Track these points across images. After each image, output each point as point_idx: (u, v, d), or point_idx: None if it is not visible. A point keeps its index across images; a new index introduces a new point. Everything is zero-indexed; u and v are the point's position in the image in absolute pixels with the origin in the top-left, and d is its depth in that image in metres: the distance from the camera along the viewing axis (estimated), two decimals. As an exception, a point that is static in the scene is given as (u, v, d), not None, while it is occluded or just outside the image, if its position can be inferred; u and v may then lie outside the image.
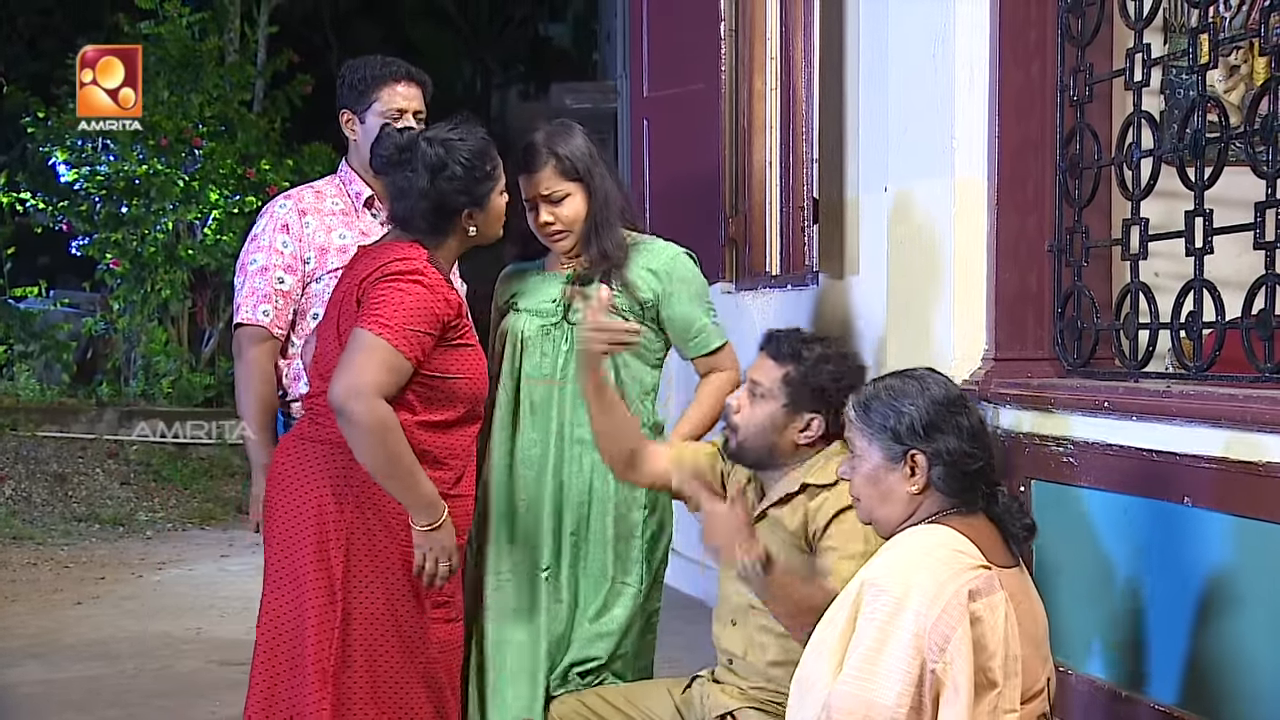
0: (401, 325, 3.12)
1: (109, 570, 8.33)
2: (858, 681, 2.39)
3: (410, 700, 3.27)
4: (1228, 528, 2.95)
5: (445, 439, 3.27)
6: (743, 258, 5.69)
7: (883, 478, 2.62)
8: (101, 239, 12.31)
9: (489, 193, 3.32)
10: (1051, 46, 3.71)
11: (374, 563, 3.24)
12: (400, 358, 3.12)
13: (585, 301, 3.43)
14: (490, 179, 3.32)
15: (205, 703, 5.34)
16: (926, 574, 2.43)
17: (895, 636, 2.39)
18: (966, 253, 3.78)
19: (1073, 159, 3.65)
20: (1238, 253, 3.23)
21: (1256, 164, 3.05)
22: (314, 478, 3.27)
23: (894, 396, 2.62)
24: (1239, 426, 2.87)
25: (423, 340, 3.15)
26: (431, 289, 3.18)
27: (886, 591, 2.42)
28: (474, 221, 3.32)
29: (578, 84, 12.36)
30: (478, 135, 3.33)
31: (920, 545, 2.52)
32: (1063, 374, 3.71)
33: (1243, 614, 2.93)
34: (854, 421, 2.67)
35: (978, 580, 2.43)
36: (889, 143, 4.20)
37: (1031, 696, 2.55)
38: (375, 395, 3.08)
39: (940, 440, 2.58)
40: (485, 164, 3.30)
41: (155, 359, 12.58)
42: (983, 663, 2.40)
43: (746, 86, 5.65)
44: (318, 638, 3.23)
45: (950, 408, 2.61)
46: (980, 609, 2.41)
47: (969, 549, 2.51)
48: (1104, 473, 3.33)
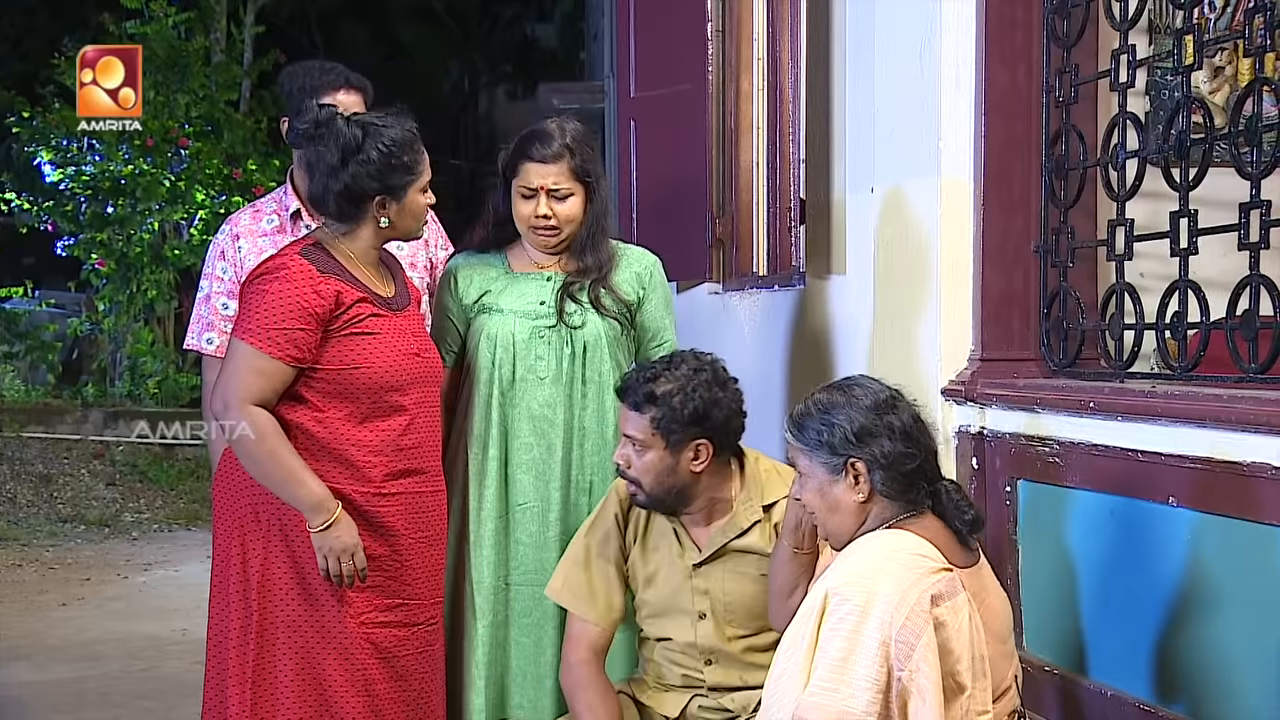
0: (263, 326, 3.11)
1: (94, 571, 8.33)
2: (826, 692, 2.39)
3: (342, 708, 3.22)
4: (1212, 528, 2.95)
5: (359, 433, 3.23)
6: (729, 258, 5.69)
7: (829, 491, 2.64)
8: (87, 239, 12.30)
9: (406, 185, 3.26)
10: (1037, 48, 3.71)
11: (293, 568, 3.21)
12: (266, 359, 3.11)
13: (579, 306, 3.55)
14: (409, 171, 3.25)
15: (191, 704, 5.28)
16: (889, 580, 2.43)
17: (861, 645, 2.39)
18: (953, 253, 3.78)
19: (1058, 160, 3.66)
20: (1222, 253, 3.22)
21: (1241, 165, 3.05)
22: (237, 487, 3.26)
23: (824, 410, 2.65)
24: (1223, 427, 2.87)
25: (294, 336, 3.12)
26: (293, 282, 3.14)
27: (849, 600, 2.42)
28: (386, 212, 3.26)
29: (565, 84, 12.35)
30: (404, 126, 3.27)
31: (880, 551, 2.53)
32: (1048, 374, 3.71)
33: (1226, 613, 2.93)
34: (792, 442, 2.69)
35: (940, 584, 2.44)
36: (875, 143, 4.20)
37: (1001, 694, 2.56)
38: (246, 403, 3.11)
39: (874, 444, 2.59)
40: (405, 154, 3.24)
41: (141, 360, 12.57)
42: (949, 667, 2.41)
43: (733, 87, 5.65)
44: (238, 644, 3.22)
45: (879, 411, 2.62)
46: (943, 613, 2.41)
47: (930, 552, 2.52)
48: (1089, 473, 3.33)
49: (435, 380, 3.43)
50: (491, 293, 3.66)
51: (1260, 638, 2.83)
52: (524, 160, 3.56)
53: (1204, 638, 3.00)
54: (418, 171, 3.27)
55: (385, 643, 3.28)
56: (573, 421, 3.62)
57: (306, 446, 3.20)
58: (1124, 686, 3.23)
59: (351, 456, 3.22)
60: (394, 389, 3.25)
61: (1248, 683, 2.88)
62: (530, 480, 3.61)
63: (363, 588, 3.22)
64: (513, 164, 3.59)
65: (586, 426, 3.63)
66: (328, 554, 3.16)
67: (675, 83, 5.84)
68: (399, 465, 3.28)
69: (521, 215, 3.59)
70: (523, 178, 3.56)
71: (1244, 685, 2.89)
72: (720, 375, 3.22)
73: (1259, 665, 2.85)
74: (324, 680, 3.21)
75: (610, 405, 3.61)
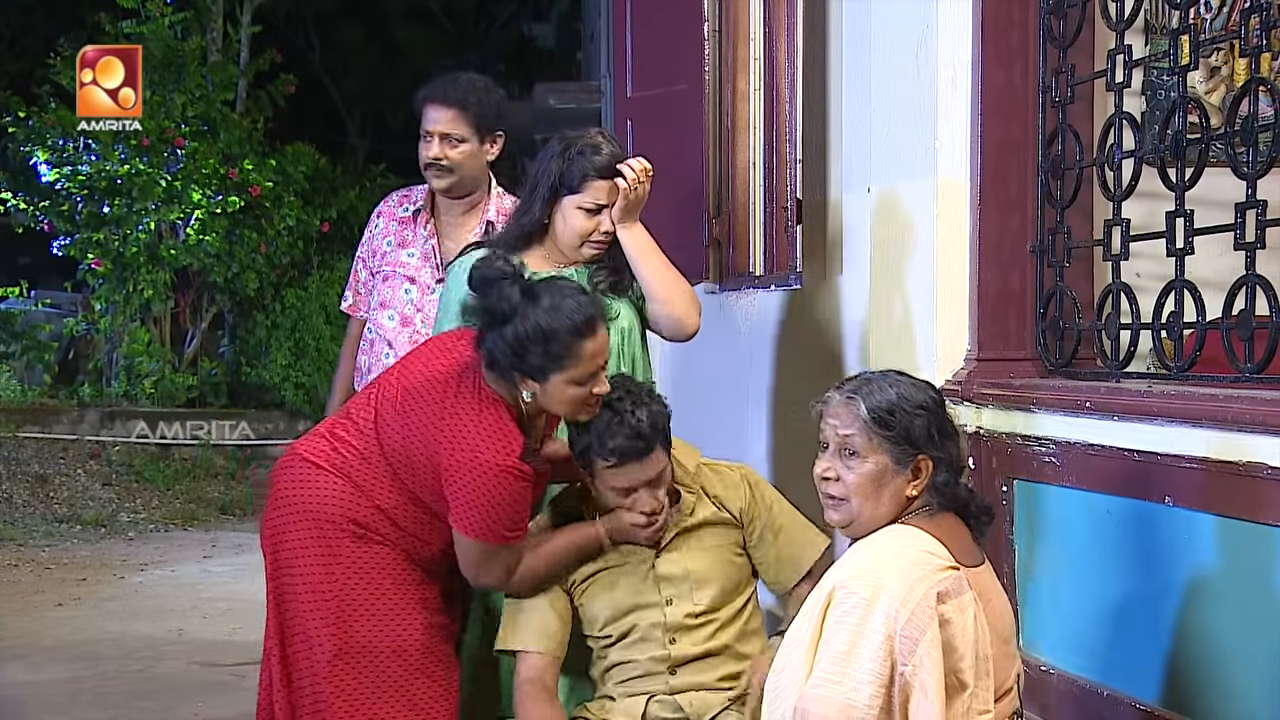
0: (502, 528, 3.15)
1: (90, 571, 8.31)
2: (829, 684, 2.39)
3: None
4: (1209, 527, 2.96)
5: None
6: (726, 258, 5.69)
7: (886, 479, 2.62)
8: (83, 239, 12.30)
9: (547, 370, 3.08)
10: (1033, 48, 3.72)
11: (372, 596, 3.22)
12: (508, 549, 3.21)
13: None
14: (553, 360, 3.07)
15: (187, 704, 5.33)
16: (896, 575, 2.43)
17: (866, 638, 2.39)
18: (949, 253, 3.79)
19: (1055, 160, 3.66)
20: (1218, 253, 3.23)
21: (1237, 165, 3.06)
22: (323, 507, 3.22)
23: (912, 405, 2.63)
24: (1219, 426, 2.88)
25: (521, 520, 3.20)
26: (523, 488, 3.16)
27: (856, 594, 2.42)
28: (529, 388, 3.12)
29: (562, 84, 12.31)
30: (569, 311, 3.06)
31: (889, 547, 2.53)
32: (1044, 374, 3.72)
33: (1223, 612, 2.94)
34: (869, 426, 2.63)
35: (947, 582, 2.44)
36: (872, 143, 4.20)
37: (1003, 694, 2.56)
38: (509, 579, 3.24)
39: (949, 445, 2.63)
40: (547, 345, 3.05)
41: (137, 359, 12.57)
42: (953, 665, 2.41)
43: (730, 87, 5.65)
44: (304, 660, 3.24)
45: (946, 412, 2.67)
46: (949, 611, 2.42)
47: (938, 549, 2.52)
48: (1086, 473, 3.34)
49: None
50: None
51: (1257, 637, 2.84)
52: (593, 178, 3.56)
53: (1201, 637, 3.00)
54: (565, 365, 3.05)
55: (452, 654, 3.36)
56: None
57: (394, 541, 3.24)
58: (1120, 686, 3.24)
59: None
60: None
61: (1243, 682, 2.89)
62: None
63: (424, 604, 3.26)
64: (579, 179, 3.57)
65: None
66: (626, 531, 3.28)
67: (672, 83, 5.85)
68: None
69: (581, 229, 3.59)
70: (593, 194, 3.57)
71: (1239, 685, 2.90)
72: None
73: (1254, 665, 2.85)
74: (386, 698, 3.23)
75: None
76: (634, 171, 3.58)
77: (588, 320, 3.05)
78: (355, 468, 3.20)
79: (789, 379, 4.93)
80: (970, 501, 2.69)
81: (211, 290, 13.14)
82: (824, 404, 2.71)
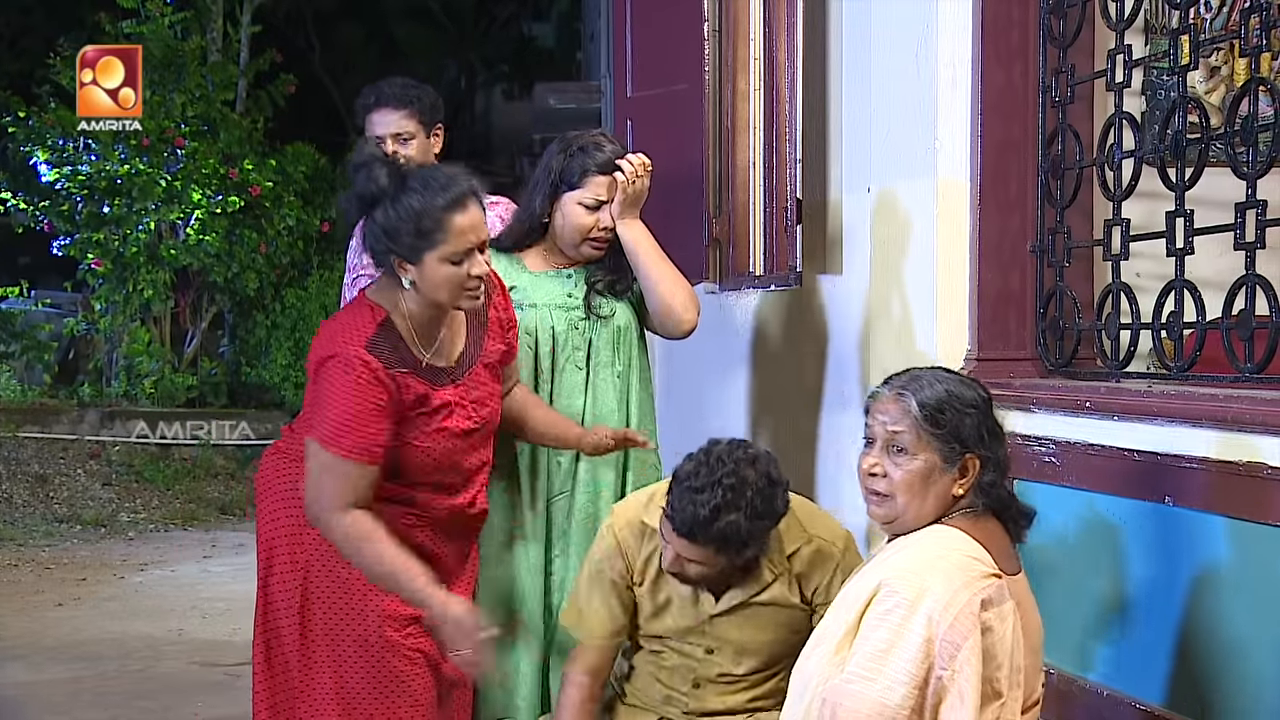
0: (340, 431, 3.08)
1: (90, 571, 8.32)
2: (864, 680, 2.40)
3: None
4: (1209, 527, 2.96)
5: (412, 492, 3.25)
6: (726, 258, 5.69)
7: (933, 477, 2.60)
8: (83, 239, 12.30)
9: (420, 250, 3.06)
10: (1033, 48, 3.72)
11: (335, 578, 3.20)
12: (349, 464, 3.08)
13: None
14: (423, 238, 3.05)
15: (187, 704, 5.33)
16: (941, 579, 2.43)
17: (906, 638, 2.39)
18: (949, 253, 3.79)
19: (1054, 160, 3.66)
20: (1218, 253, 3.24)
21: (1237, 165, 3.06)
22: (280, 490, 3.27)
23: (962, 403, 2.62)
24: (1220, 426, 2.88)
25: (372, 436, 3.09)
26: (364, 384, 3.09)
27: (899, 593, 2.42)
28: (408, 274, 3.11)
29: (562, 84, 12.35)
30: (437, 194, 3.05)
31: (935, 549, 2.52)
32: (1044, 374, 3.72)
33: (1225, 613, 2.94)
34: (919, 423, 2.61)
35: (990, 589, 2.44)
36: (872, 143, 4.20)
37: (1030, 705, 2.56)
38: (340, 511, 3.09)
39: (998, 446, 2.62)
40: (419, 223, 3.04)
41: (137, 359, 12.56)
42: (990, 673, 2.41)
43: (730, 87, 5.65)
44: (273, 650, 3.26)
45: (993, 411, 2.65)
46: (991, 619, 2.42)
47: (982, 555, 2.51)
48: (1085, 473, 3.33)
49: (490, 439, 3.36)
50: (518, 289, 3.67)
51: (1261, 637, 2.84)
52: (594, 173, 3.62)
53: (1203, 638, 3.00)
54: (436, 242, 3.03)
55: (428, 649, 3.26)
56: (597, 407, 3.69)
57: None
58: (1120, 686, 3.24)
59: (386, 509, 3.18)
60: (441, 470, 3.22)
61: (1243, 682, 2.88)
62: (566, 464, 3.68)
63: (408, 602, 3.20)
64: (579, 174, 3.63)
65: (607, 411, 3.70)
66: (458, 639, 3.09)
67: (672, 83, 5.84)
68: (455, 501, 3.28)
69: (581, 226, 3.65)
70: (593, 189, 3.63)
71: (1239, 684, 2.90)
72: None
73: (1256, 664, 2.85)
74: (357, 693, 3.20)
75: (636, 390, 3.74)
76: (632, 165, 3.60)
77: (458, 196, 3.04)
78: (298, 445, 3.20)
79: (788, 379, 4.93)
80: (1012, 504, 2.66)
81: (211, 290, 13.13)
82: (871, 399, 2.69)
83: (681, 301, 3.71)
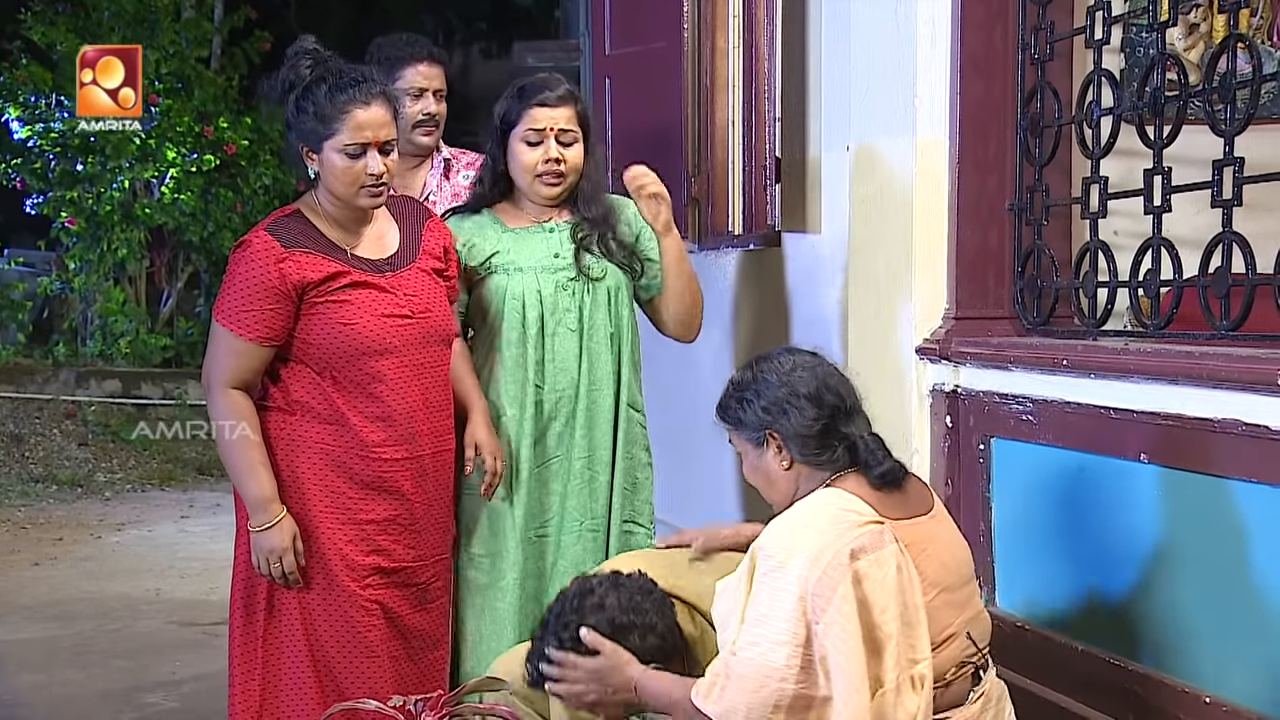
0: (234, 307, 3.17)
1: (67, 531, 8.31)
2: (750, 646, 2.44)
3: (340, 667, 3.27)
4: (1183, 484, 2.98)
5: (353, 400, 3.24)
6: (705, 216, 5.68)
7: (760, 463, 2.73)
8: (56, 197, 12.23)
9: (320, 138, 3.18)
10: (1013, 5, 3.71)
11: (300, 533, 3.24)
12: (239, 341, 3.17)
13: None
14: (324, 123, 3.16)
15: (164, 663, 5.34)
16: (811, 535, 2.46)
17: (780, 599, 2.43)
18: (928, 211, 3.79)
19: (1033, 117, 3.67)
20: (1195, 211, 3.24)
21: (1214, 122, 3.06)
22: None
23: (738, 388, 2.74)
24: (1194, 383, 2.90)
25: (263, 317, 3.17)
26: (256, 261, 3.19)
27: (772, 557, 2.46)
28: (314, 164, 3.22)
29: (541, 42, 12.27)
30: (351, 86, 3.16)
31: (807, 508, 2.56)
32: (1022, 332, 3.73)
33: (1196, 567, 2.97)
34: (721, 424, 2.79)
35: (863, 538, 2.46)
36: (851, 102, 4.19)
37: (943, 642, 2.58)
38: (224, 386, 3.20)
39: (783, 417, 2.65)
40: (324, 107, 3.16)
41: (112, 319, 12.51)
42: (873, 619, 2.42)
43: (709, 44, 5.63)
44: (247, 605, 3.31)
45: (784, 383, 2.68)
46: (865, 566, 2.43)
47: (858, 506, 2.54)
48: (1062, 430, 3.36)
49: (434, 340, 3.35)
50: (500, 252, 3.64)
51: (1229, 591, 2.87)
52: (530, 106, 3.58)
53: (1174, 592, 3.03)
54: (334, 130, 3.14)
55: (388, 602, 3.30)
56: (593, 371, 3.66)
57: (307, 415, 3.23)
58: (1094, 641, 3.27)
59: (350, 421, 3.22)
60: (376, 354, 3.22)
61: (1215, 635, 2.92)
62: (560, 428, 3.65)
63: (367, 551, 3.25)
64: (517, 111, 3.60)
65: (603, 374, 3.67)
66: (259, 554, 3.20)
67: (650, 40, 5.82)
68: (400, 429, 3.27)
69: (527, 163, 3.59)
70: (529, 122, 3.57)
71: (1211, 637, 2.93)
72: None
73: (1227, 618, 2.89)
74: (322, 640, 3.25)
75: (627, 353, 3.71)
76: (635, 175, 3.70)
77: (365, 92, 3.15)
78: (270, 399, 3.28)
79: (767, 337, 4.94)
80: (867, 456, 2.65)
81: (187, 249, 13.08)
82: None
83: (700, 319, 3.86)
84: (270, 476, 3.19)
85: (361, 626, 3.25)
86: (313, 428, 3.23)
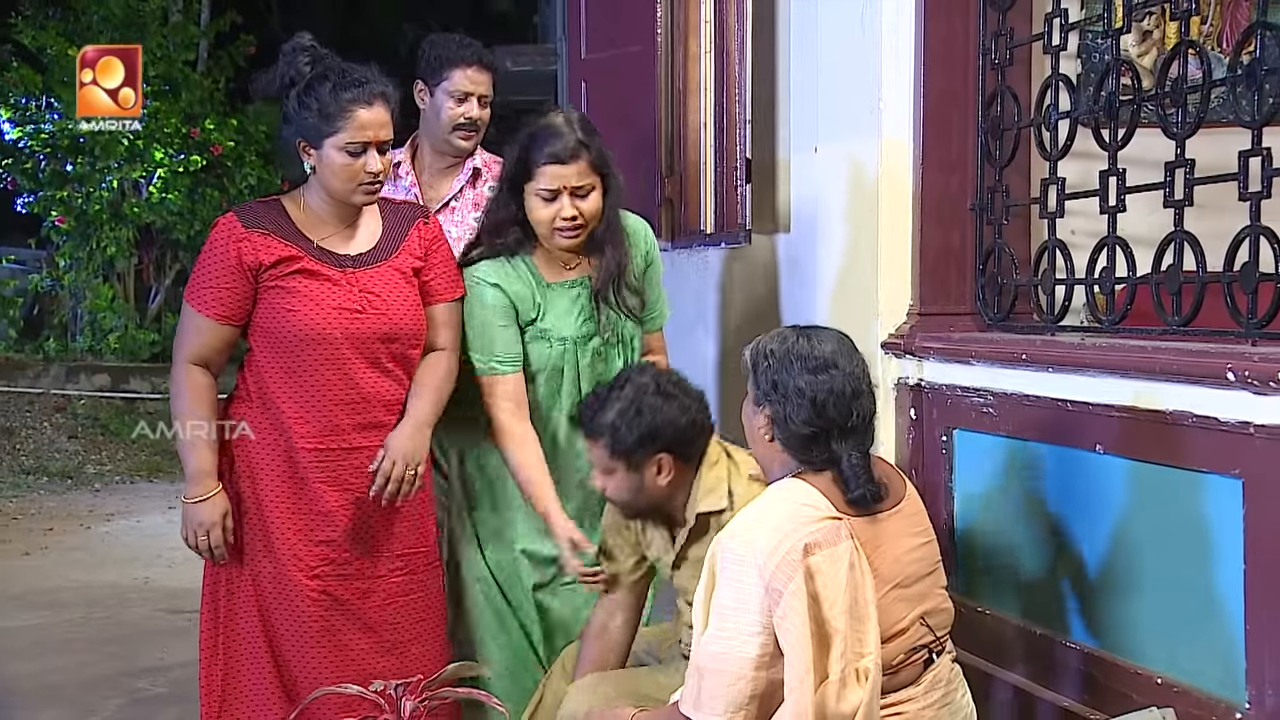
0: (197, 284, 3.24)
1: (57, 522, 8.35)
2: (721, 639, 2.48)
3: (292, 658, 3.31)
4: (1137, 473, 3.06)
5: (293, 388, 3.25)
6: (678, 217, 5.75)
7: (752, 422, 2.72)
8: (47, 197, 12.26)
9: (321, 135, 3.19)
10: (974, 10, 3.79)
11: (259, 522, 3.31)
12: (199, 317, 3.25)
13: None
14: (326, 121, 3.18)
15: (152, 649, 5.40)
16: (769, 530, 2.49)
17: (746, 592, 2.46)
18: (893, 211, 3.87)
19: (994, 120, 3.75)
20: (1149, 211, 3.29)
21: (1167, 125, 3.14)
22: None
23: (767, 354, 2.69)
24: (1147, 377, 2.98)
25: (220, 295, 3.22)
26: (218, 238, 3.24)
27: (732, 550, 2.50)
28: (311, 159, 3.23)
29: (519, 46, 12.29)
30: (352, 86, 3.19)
31: (767, 501, 2.59)
32: (984, 328, 3.81)
33: (1150, 554, 3.05)
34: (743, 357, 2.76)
35: (818, 533, 2.48)
36: (819, 105, 4.27)
37: (893, 635, 2.61)
38: (185, 360, 3.26)
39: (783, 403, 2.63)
40: (326, 105, 3.17)
41: (101, 315, 12.54)
42: (823, 613, 2.45)
43: (682, 49, 5.69)
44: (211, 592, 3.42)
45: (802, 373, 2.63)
46: (819, 561, 2.46)
47: (817, 501, 2.56)
48: (1022, 422, 3.43)
49: (386, 337, 3.28)
50: (537, 319, 3.51)
51: (1182, 576, 2.95)
52: (541, 164, 3.35)
53: (1129, 578, 3.11)
54: (336, 127, 3.15)
55: (340, 593, 3.30)
56: None
57: (262, 402, 3.28)
58: (1052, 627, 3.35)
59: (281, 409, 3.25)
60: (308, 342, 3.22)
61: (1169, 618, 3.00)
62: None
63: (314, 542, 3.27)
64: (529, 167, 3.37)
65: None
66: (188, 526, 3.31)
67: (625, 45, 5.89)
68: (319, 420, 3.25)
69: (543, 219, 3.38)
70: (543, 180, 3.35)
71: (1165, 621, 3.01)
72: (665, 388, 3.04)
73: (1180, 602, 2.97)
74: (276, 628, 3.30)
75: None
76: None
77: (367, 92, 3.19)
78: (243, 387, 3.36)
79: (737, 335, 5.00)
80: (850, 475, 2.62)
81: (174, 247, 13.10)
82: None
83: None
84: (212, 454, 3.25)
85: (309, 616, 3.27)
86: (265, 415, 3.27)
